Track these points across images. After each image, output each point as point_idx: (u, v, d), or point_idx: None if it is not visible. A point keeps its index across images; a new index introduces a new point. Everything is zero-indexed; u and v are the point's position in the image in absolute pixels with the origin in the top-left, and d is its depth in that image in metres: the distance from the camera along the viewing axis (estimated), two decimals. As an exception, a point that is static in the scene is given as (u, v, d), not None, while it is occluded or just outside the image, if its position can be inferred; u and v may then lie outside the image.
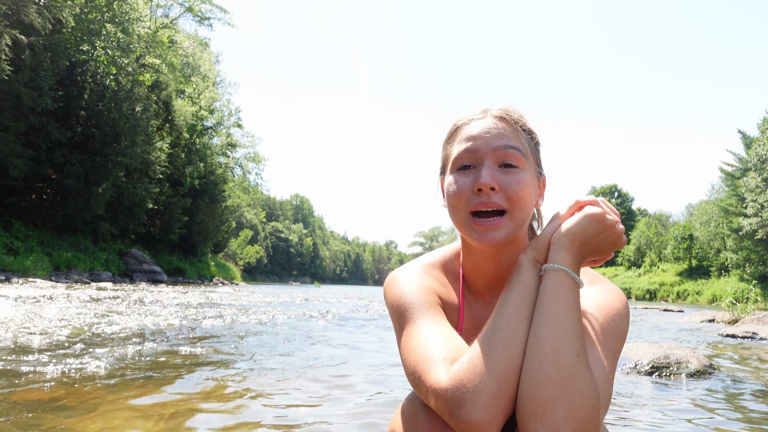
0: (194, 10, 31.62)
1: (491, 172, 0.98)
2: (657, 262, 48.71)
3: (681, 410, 2.62)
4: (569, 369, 0.83)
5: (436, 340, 0.95)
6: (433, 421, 0.91)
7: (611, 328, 0.97)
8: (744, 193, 33.82)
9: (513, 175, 0.99)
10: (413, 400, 0.98)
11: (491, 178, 0.97)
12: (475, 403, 0.83)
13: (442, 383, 0.87)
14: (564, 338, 0.86)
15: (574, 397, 0.82)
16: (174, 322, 5.79)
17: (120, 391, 2.45)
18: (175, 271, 30.74)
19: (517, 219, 1.00)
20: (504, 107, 1.07)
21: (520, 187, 0.98)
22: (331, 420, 2.16)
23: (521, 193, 0.98)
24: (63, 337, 4.12)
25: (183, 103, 32.45)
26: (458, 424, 0.84)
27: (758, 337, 6.87)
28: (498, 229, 0.98)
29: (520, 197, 0.98)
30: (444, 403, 0.86)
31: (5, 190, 19.38)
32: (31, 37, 17.93)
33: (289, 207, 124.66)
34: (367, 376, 3.21)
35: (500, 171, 0.99)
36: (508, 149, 1.00)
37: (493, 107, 1.08)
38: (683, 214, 57.19)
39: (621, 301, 1.03)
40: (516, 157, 1.00)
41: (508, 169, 1.00)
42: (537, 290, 0.96)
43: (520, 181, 0.99)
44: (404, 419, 0.97)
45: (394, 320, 1.07)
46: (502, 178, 0.99)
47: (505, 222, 0.99)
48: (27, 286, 12.13)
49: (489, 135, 1.01)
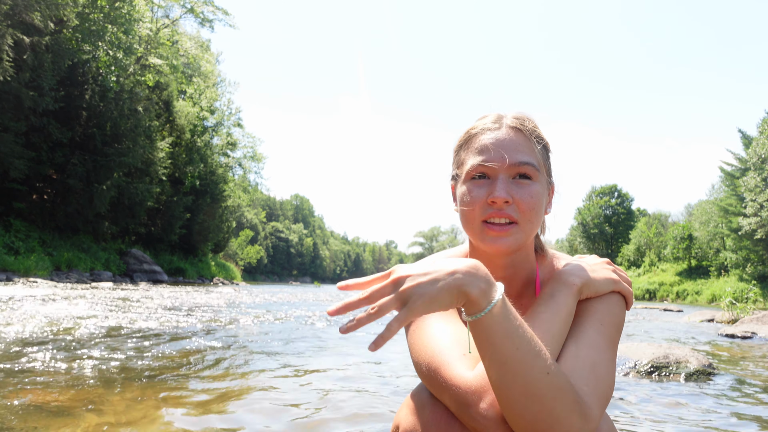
0: (196, 11, 31.59)
1: (505, 186, 1.01)
2: (656, 262, 48.71)
3: (681, 410, 2.64)
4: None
5: (452, 335, 0.98)
6: (438, 413, 0.93)
7: (609, 316, 1.01)
8: (743, 193, 33.80)
9: (526, 189, 1.02)
10: (420, 392, 1.00)
11: (505, 192, 0.99)
12: (497, 403, 0.86)
13: (466, 377, 0.90)
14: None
15: (542, 395, 0.84)
16: (174, 322, 5.81)
17: (121, 392, 2.47)
18: (175, 271, 30.71)
19: (527, 229, 1.02)
20: (518, 115, 1.08)
21: (532, 201, 1.01)
22: (337, 414, 2.18)
23: (534, 206, 1.02)
24: (62, 337, 4.14)
25: (184, 104, 32.44)
26: (474, 418, 0.87)
27: (757, 337, 6.89)
28: (509, 236, 1.01)
29: (532, 210, 1.01)
30: (465, 397, 0.88)
31: (6, 191, 19.38)
32: (32, 38, 17.94)
33: (289, 207, 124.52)
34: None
35: (514, 183, 1.02)
36: (524, 165, 1.02)
37: (508, 115, 1.09)
38: (682, 214, 57.13)
39: None
40: (531, 170, 1.02)
41: (521, 181, 1.02)
42: (572, 317, 0.99)
43: (533, 195, 1.02)
44: (410, 410, 0.99)
45: None
46: (516, 191, 1.01)
47: (516, 231, 1.01)
48: (28, 286, 12.15)
49: (504, 148, 1.03)
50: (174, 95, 31.63)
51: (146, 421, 2.01)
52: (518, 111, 1.10)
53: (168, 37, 29.68)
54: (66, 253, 19.96)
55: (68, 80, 21.10)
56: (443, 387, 0.92)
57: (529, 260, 1.12)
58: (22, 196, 20.54)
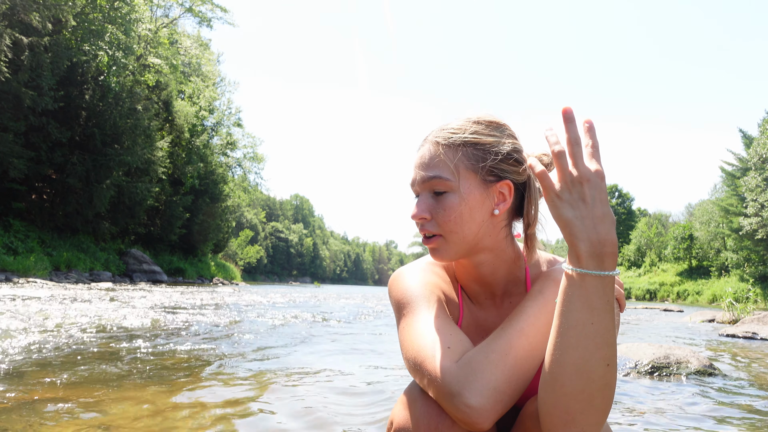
0: (194, 10, 31.61)
1: (424, 203, 1.05)
2: (657, 262, 48.76)
3: (681, 411, 2.62)
4: (600, 381, 0.83)
5: (439, 329, 0.99)
6: (430, 407, 0.94)
7: None
8: (744, 193, 33.81)
9: (441, 202, 1.03)
10: (412, 388, 1.01)
11: (419, 210, 1.04)
12: (480, 391, 0.87)
13: (450, 368, 0.91)
14: (594, 348, 0.82)
15: (603, 405, 0.84)
16: (174, 322, 5.79)
17: (121, 392, 2.45)
18: (175, 271, 30.72)
19: (453, 239, 1.04)
20: (446, 123, 1.09)
21: (446, 213, 1.02)
22: (341, 411, 2.16)
23: (449, 217, 1.02)
24: (62, 337, 4.12)
25: (183, 104, 32.45)
26: (458, 407, 0.87)
27: (758, 337, 6.87)
28: (438, 248, 1.05)
29: (449, 221, 1.02)
30: (448, 387, 0.89)
31: (5, 191, 19.38)
32: (31, 38, 17.93)
33: (289, 207, 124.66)
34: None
35: (433, 199, 1.04)
36: (432, 179, 1.04)
37: (436, 127, 1.09)
38: (683, 214, 57.19)
39: None
40: (441, 183, 1.03)
41: (438, 196, 1.04)
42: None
43: (446, 207, 1.02)
44: (403, 406, 1.00)
45: (397, 313, 1.11)
46: (433, 206, 1.04)
47: (441, 242, 1.04)
48: (27, 286, 12.13)
49: (420, 166, 1.06)
50: (174, 95, 31.64)
51: (147, 421, 1.99)
52: (456, 116, 1.09)
53: (167, 36, 29.68)
54: (65, 253, 19.95)
55: (68, 80, 21.09)
56: (428, 379, 0.93)
57: (504, 259, 1.10)
58: (21, 196, 20.54)
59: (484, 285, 1.13)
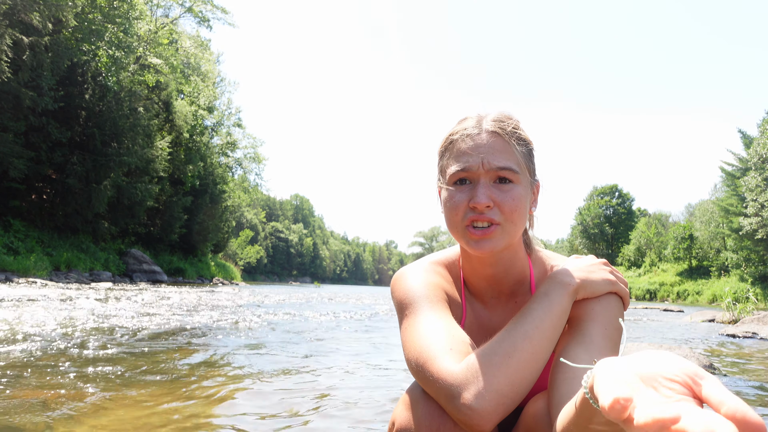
0: (194, 10, 31.59)
1: (486, 190, 1.02)
2: (657, 262, 48.73)
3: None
4: None
5: (442, 330, 0.99)
6: (431, 408, 0.94)
7: (612, 319, 1.01)
8: (744, 193, 33.81)
9: (507, 192, 1.02)
10: (414, 388, 1.01)
11: (486, 197, 1.01)
12: (482, 395, 0.87)
13: (452, 369, 0.90)
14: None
15: None
16: (175, 322, 5.79)
17: (121, 392, 2.45)
18: (175, 271, 30.72)
19: (510, 230, 1.04)
20: (498, 117, 1.08)
21: (514, 203, 1.02)
22: (340, 413, 2.16)
23: (516, 208, 1.02)
24: (62, 338, 4.12)
25: (183, 103, 32.45)
26: (460, 410, 0.87)
27: (758, 337, 6.87)
28: (492, 238, 1.02)
29: (515, 212, 1.02)
30: (450, 389, 0.89)
31: (5, 191, 19.38)
32: (31, 38, 17.93)
33: (289, 207, 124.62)
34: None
35: (495, 187, 1.03)
36: (504, 169, 1.02)
37: (487, 117, 1.08)
38: (683, 214, 57.18)
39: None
40: (510, 175, 1.03)
41: (502, 185, 1.03)
42: (566, 316, 1.01)
43: (515, 197, 1.02)
44: (405, 407, 1.00)
45: (400, 313, 1.11)
46: (497, 195, 1.02)
47: (499, 232, 1.03)
48: (27, 286, 12.13)
49: (483, 153, 1.03)
50: (173, 95, 31.64)
51: (147, 421, 1.99)
52: (499, 112, 1.09)
53: (167, 36, 29.68)
54: (65, 253, 19.95)
55: (67, 80, 21.09)
56: (430, 381, 0.93)
57: (518, 258, 1.13)
58: (21, 196, 20.54)
59: (494, 283, 1.14)
